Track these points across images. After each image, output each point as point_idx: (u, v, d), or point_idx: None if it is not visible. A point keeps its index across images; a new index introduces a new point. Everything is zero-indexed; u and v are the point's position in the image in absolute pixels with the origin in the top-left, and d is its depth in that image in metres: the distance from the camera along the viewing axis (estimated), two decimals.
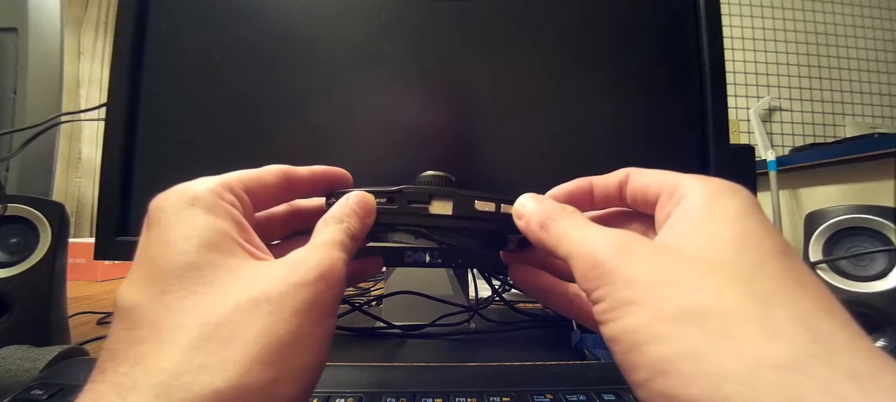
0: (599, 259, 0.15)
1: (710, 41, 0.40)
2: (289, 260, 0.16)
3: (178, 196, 0.17)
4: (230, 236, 0.16)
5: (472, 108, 0.40)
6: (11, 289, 0.37)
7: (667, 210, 0.18)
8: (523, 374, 0.31)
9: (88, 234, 1.94)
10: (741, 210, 0.16)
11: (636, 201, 0.20)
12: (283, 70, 0.39)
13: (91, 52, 2.08)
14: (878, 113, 2.10)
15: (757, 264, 0.14)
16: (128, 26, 0.38)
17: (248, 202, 0.19)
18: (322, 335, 0.15)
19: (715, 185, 0.17)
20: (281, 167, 0.21)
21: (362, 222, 0.20)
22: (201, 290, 0.15)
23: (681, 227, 0.16)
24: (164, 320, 0.14)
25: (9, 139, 0.50)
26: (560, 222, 0.18)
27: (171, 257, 0.15)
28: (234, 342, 0.14)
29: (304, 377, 0.15)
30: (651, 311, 0.14)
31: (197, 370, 0.13)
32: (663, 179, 0.18)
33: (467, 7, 0.40)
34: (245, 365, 0.13)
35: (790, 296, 0.13)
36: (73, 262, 0.80)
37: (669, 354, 0.13)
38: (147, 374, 0.13)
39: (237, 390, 0.13)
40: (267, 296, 0.15)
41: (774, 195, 1.65)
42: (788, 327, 0.12)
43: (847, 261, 0.38)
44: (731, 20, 2.06)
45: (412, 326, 0.48)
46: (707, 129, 0.40)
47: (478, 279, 0.65)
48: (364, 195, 0.21)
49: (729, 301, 0.13)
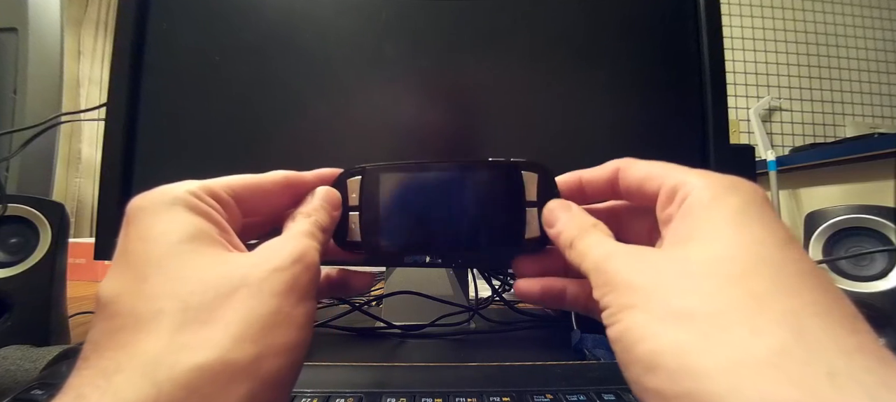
0: (610, 271, 0.16)
1: (710, 41, 0.40)
2: (263, 249, 0.17)
3: (158, 195, 0.17)
4: (209, 233, 0.17)
5: (472, 107, 0.40)
6: (11, 289, 0.37)
7: (669, 211, 0.18)
8: (523, 374, 0.31)
9: (88, 234, 1.94)
10: (743, 208, 0.16)
11: (632, 195, 0.20)
12: (283, 70, 0.39)
13: (91, 52, 2.08)
14: (878, 113, 2.10)
15: (755, 262, 0.14)
16: (128, 26, 0.38)
17: (233, 207, 0.19)
18: (302, 315, 0.16)
19: (717, 182, 0.17)
20: (283, 174, 0.21)
21: (329, 215, 0.21)
22: (180, 277, 0.15)
23: (683, 232, 0.16)
24: (144, 306, 0.14)
25: (9, 139, 0.50)
26: (584, 240, 0.18)
27: (150, 249, 0.15)
28: (215, 324, 0.14)
29: (287, 354, 0.15)
30: (647, 313, 0.14)
31: (180, 350, 0.13)
32: (662, 174, 0.18)
33: (467, 7, 0.40)
34: (228, 343, 0.13)
35: (784, 292, 0.13)
36: (73, 262, 0.80)
37: (658, 350, 0.13)
38: (131, 357, 0.13)
39: (223, 364, 0.13)
40: (245, 281, 0.15)
41: (774, 195, 1.66)
42: (774, 326, 0.12)
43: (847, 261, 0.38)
44: (731, 20, 2.06)
45: (412, 326, 0.48)
46: (707, 129, 0.40)
47: (478, 279, 0.65)
48: (329, 189, 0.22)
49: (721, 303, 0.13)
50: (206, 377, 0.13)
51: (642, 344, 0.14)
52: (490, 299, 0.59)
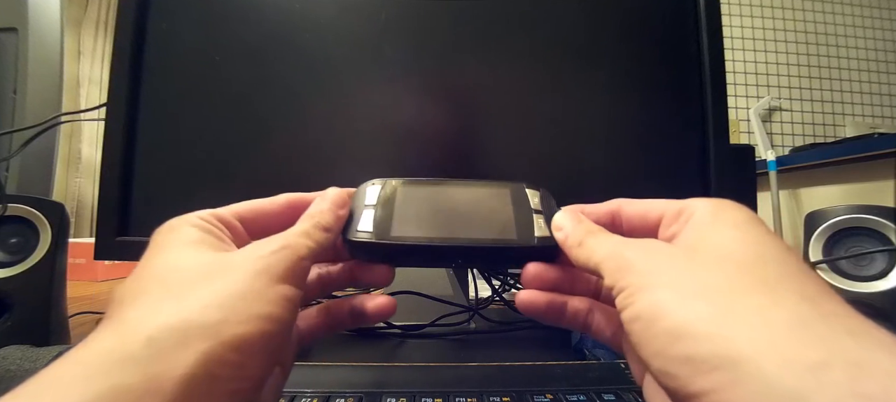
0: (626, 256, 0.17)
1: (710, 41, 0.40)
2: (253, 244, 0.18)
3: (172, 222, 0.19)
4: (211, 243, 0.18)
5: (472, 108, 0.40)
6: (11, 289, 0.37)
7: (673, 229, 0.19)
8: (523, 374, 0.31)
9: (88, 234, 1.94)
10: (745, 220, 0.17)
11: (634, 228, 0.21)
12: (283, 70, 0.39)
13: (91, 52, 2.08)
14: (878, 113, 2.10)
15: (762, 258, 0.15)
16: (128, 26, 0.38)
17: (239, 229, 0.21)
18: (275, 294, 0.17)
19: (719, 202, 0.18)
20: (287, 196, 0.22)
21: (335, 214, 0.21)
22: (171, 267, 0.17)
23: (691, 236, 0.18)
24: (134, 288, 0.16)
25: (9, 139, 0.50)
26: (594, 237, 0.20)
27: (156, 261, 0.17)
28: (188, 297, 0.15)
29: (253, 322, 0.15)
30: (669, 290, 0.15)
31: (151, 315, 0.15)
32: (665, 203, 0.20)
33: (467, 7, 0.40)
34: (193, 309, 0.15)
35: (794, 281, 0.15)
36: (73, 262, 0.80)
37: (685, 321, 0.14)
38: (110, 323, 0.15)
39: (184, 322, 0.14)
40: (227, 267, 0.17)
41: (774, 195, 1.65)
42: (791, 299, 0.14)
43: (847, 261, 0.38)
44: (731, 20, 2.06)
45: (412, 326, 0.48)
46: (707, 129, 0.40)
47: (478, 279, 0.65)
48: (337, 190, 0.22)
49: (738, 282, 0.15)
50: (165, 332, 0.14)
51: (667, 318, 0.14)
52: (490, 299, 0.59)
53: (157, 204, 0.38)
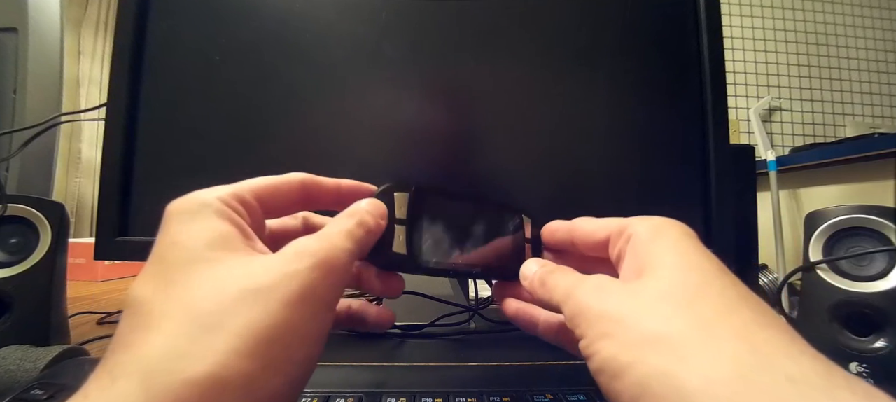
0: (581, 301, 0.18)
1: (710, 41, 0.40)
2: (288, 249, 0.16)
3: (190, 201, 0.18)
4: (234, 238, 0.17)
5: (472, 108, 0.40)
6: (11, 289, 0.37)
7: (618, 247, 0.21)
8: (523, 374, 0.31)
9: (88, 234, 1.94)
10: (679, 239, 0.19)
11: (587, 247, 0.23)
12: (283, 70, 0.39)
13: (91, 52, 2.08)
14: (878, 113, 2.10)
15: (699, 285, 0.17)
16: (128, 26, 0.38)
17: (257, 211, 0.19)
18: (315, 330, 0.15)
19: (654, 221, 0.20)
20: (302, 175, 0.21)
21: (376, 221, 0.20)
22: (198, 282, 0.15)
23: (635, 266, 0.19)
24: (157, 308, 0.14)
25: (9, 139, 0.50)
26: (553, 276, 0.21)
27: (178, 255, 0.16)
28: (218, 331, 0.14)
29: (290, 370, 0.14)
30: (620, 341, 0.16)
31: (178, 358, 0.13)
32: (607, 222, 0.22)
33: (467, 7, 0.40)
34: (224, 356, 0.13)
35: (730, 312, 0.16)
36: (73, 262, 0.80)
37: (644, 377, 0.15)
38: (135, 360, 0.13)
39: (214, 380, 0.13)
40: (257, 286, 0.15)
41: (774, 195, 1.65)
42: (730, 345, 0.14)
43: (847, 261, 0.37)
44: (731, 20, 2.06)
45: (412, 326, 0.48)
46: (707, 129, 0.40)
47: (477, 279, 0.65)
48: (376, 201, 0.21)
49: (677, 327, 0.15)
50: (196, 392, 0.13)
51: (627, 374, 0.15)
52: (490, 299, 0.59)
53: (157, 204, 0.37)
